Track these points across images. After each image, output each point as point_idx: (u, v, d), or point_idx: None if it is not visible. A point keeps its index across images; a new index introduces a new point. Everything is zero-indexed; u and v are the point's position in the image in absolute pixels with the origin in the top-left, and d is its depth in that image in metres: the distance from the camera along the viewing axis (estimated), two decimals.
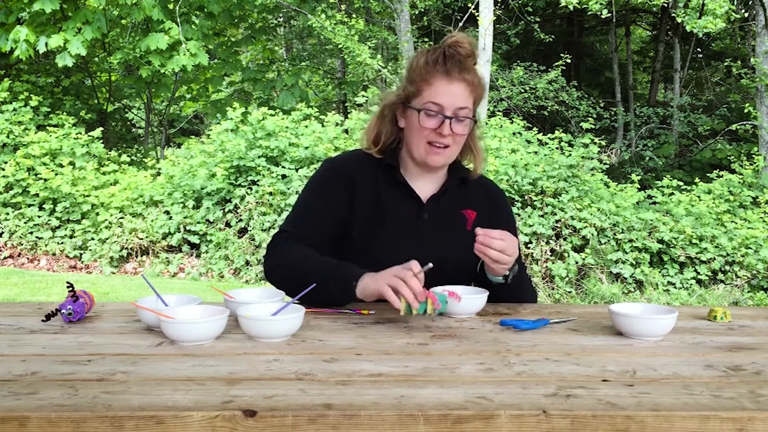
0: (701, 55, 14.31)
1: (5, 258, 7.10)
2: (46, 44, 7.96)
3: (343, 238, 1.68)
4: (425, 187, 1.73)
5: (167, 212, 6.98)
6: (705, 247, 6.36)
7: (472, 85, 1.62)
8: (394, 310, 1.54)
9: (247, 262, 6.57)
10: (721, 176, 7.78)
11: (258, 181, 6.85)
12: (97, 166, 7.76)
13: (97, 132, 8.12)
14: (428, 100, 1.61)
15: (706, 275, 6.28)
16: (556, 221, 6.42)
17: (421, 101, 1.62)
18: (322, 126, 7.52)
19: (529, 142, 7.47)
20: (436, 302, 1.37)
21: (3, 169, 7.49)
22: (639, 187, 7.64)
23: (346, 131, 7.56)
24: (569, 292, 6.10)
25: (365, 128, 1.77)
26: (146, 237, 6.84)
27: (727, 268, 6.36)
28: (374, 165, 1.72)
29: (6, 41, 8.03)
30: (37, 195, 7.26)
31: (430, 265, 1.43)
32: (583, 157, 6.97)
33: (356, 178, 1.69)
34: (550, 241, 6.34)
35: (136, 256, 6.90)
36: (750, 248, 6.41)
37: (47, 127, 8.05)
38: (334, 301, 1.54)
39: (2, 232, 7.34)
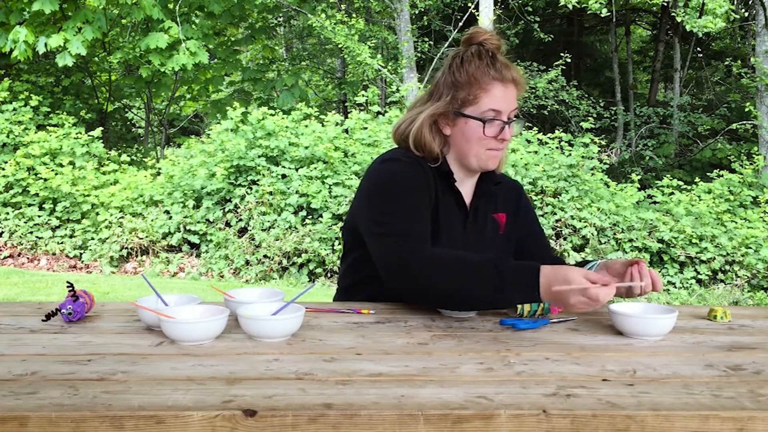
0: (701, 55, 14.29)
1: (5, 258, 7.10)
2: (46, 44, 7.95)
3: None
4: (467, 192, 1.69)
5: (167, 212, 6.97)
6: (705, 246, 6.35)
7: (519, 83, 1.59)
8: (394, 310, 1.54)
9: (247, 262, 6.57)
10: (721, 176, 7.79)
11: (258, 180, 6.85)
12: (97, 166, 7.75)
13: (97, 132, 8.12)
14: (488, 108, 1.54)
15: (706, 275, 6.28)
16: (556, 221, 6.42)
17: (479, 109, 1.54)
18: (322, 126, 7.52)
19: (529, 141, 7.47)
20: None
21: (3, 169, 7.48)
22: (639, 186, 7.64)
23: (346, 131, 7.56)
24: None
25: (424, 143, 1.59)
26: (146, 237, 6.83)
27: (727, 267, 6.35)
28: (432, 169, 1.60)
29: (6, 41, 8.02)
30: (37, 195, 7.25)
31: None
32: (583, 157, 6.97)
33: (429, 180, 1.60)
34: (550, 240, 6.35)
35: (136, 256, 6.89)
36: (750, 248, 6.41)
37: (47, 127, 8.05)
38: (508, 304, 1.43)
39: (2, 232, 7.34)
